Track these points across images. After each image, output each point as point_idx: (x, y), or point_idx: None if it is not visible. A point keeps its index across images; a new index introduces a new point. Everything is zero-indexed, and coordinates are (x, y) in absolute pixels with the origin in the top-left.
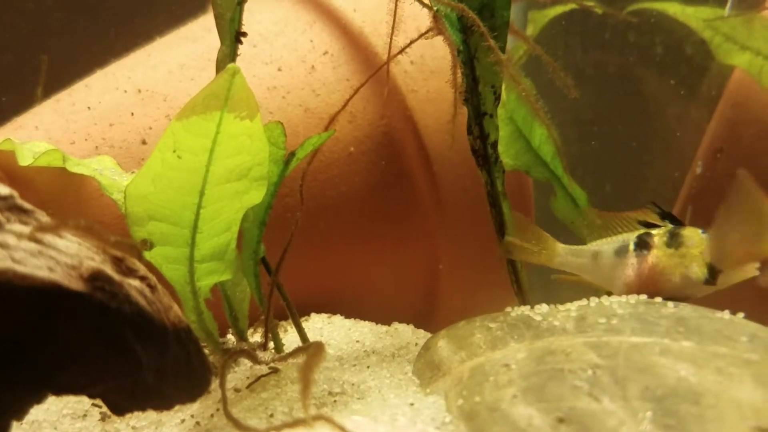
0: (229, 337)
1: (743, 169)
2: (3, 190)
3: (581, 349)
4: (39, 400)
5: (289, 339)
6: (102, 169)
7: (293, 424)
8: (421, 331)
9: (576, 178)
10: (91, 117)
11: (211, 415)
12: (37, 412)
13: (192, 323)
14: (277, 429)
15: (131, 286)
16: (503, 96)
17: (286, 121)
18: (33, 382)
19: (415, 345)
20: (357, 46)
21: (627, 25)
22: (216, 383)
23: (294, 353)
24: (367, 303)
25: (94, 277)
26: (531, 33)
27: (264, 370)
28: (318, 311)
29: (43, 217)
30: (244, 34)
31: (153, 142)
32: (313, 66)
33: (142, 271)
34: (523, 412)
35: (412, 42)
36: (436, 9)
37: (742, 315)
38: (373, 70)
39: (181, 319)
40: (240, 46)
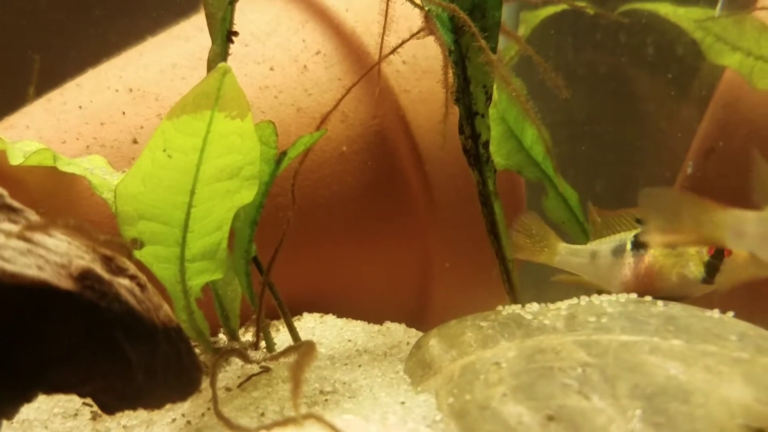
0: (220, 336)
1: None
2: None
3: (571, 348)
4: (29, 399)
5: (281, 338)
6: (93, 168)
7: (284, 422)
8: (413, 330)
9: (567, 178)
10: (82, 116)
11: (202, 414)
12: (27, 411)
13: (183, 322)
14: (268, 428)
15: (121, 285)
16: (495, 96)
17: (277, 120)
18: (23, 381)
19: (407, 344)
20: (349, 45)
21: (618, 25)
22: (207, 382)
23: (285, 352)
24: (359, 302)
25: (84, 276)
26: (522, 33)
27: (255, 369)
28: (310, 310)
29: (33, 216)
30: (236, 34)
31: (144, 141)
32: (305, 65)
33: (132, 270)
34: (513, 410)
35: (404, 42)
36: (427, 9)
37: (731, 314)
38: (365, 69)
39: (172, 318)
40: (231, 46)
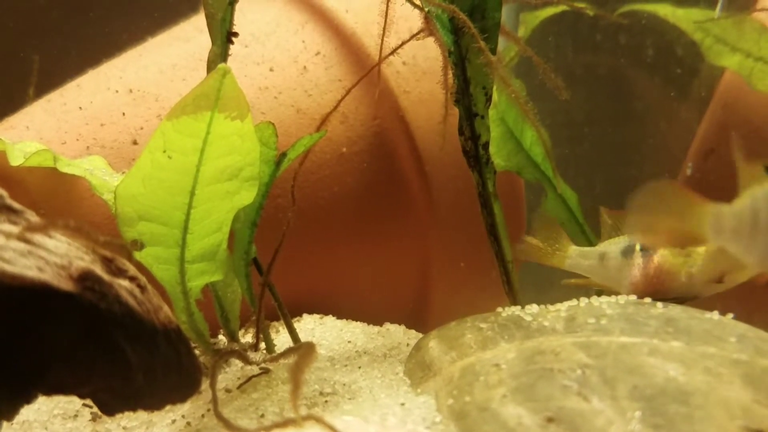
0: (220, 337)
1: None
2: None
3: (571, 349)
4: (29, 400)
5: (281, 340)
6: (93, 169)
7: (284, 423)
8: (413, 331)
9: (567, 179)
10: (82, 117)
11: (202, 416)
12: (27, 413)
13: (182, 324)
14: (268, 429)
15: (121, 286)
16: (494, 97)
17: (277, 121)
18: (22, 382)
19: (407, 345)
20: (349, 46)
21: (618, 26)
22: (207, 384)
23: (285, 354)
24: (359, 304)
25: (84, 278)
26: (522, 34)
27: (255, 370)
28: (310, 312)
29: (33, 217)
30: (236, 34)
31: (144, 142)
32: (305, 66)
33: (132, 271)
34: (513, 411)
35: (404, 43)
36: (427, 10)
37: (731, 316)
38: (365, 70)
39: (171, 319)
40: (231, 47)
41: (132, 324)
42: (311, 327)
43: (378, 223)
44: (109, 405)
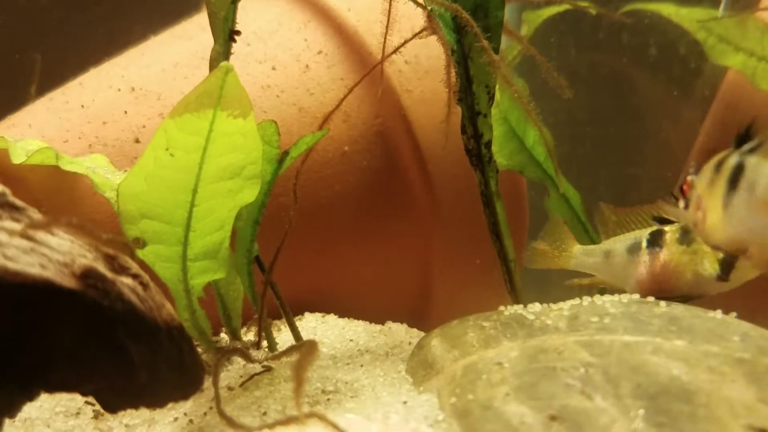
0: (222, 335)
1: None
2: None
3: (574, 348)
4: (31, 397)
5: (283, 338)
6: (95, 167)
7: (286, 421)
8: (415, 330)
9: (570, 178)
10: (84, 115)
11: (204, 414)
12: (29, 410)
13: (185, 321)
14: (270, 427)
15: (123, 284)
16: (497, 96)
17: (280, 120)
18: (25, 379)
19: (409, 344)
20: (351, 45)
21: (621, 25)
22: (209, 381)
23: (287, 352)
24: (361, 302)
25: (87, 275)
26: (525, 33)
27: (257, 368)
28: (312, 310)
29: (36, 215)
30: (238, 33)
31: (146, 140)
32: (307, 65)
33: (135, 269)
34: (516, 410)
35: (406, 42)
36: (430, 9)
37: (734, 314)
38: (367, 69)
39: (174, 317)
40: (234, 45)
41: (134, 322)
42: (313, 325)
43: (380, 221)
44: (111, 402)
